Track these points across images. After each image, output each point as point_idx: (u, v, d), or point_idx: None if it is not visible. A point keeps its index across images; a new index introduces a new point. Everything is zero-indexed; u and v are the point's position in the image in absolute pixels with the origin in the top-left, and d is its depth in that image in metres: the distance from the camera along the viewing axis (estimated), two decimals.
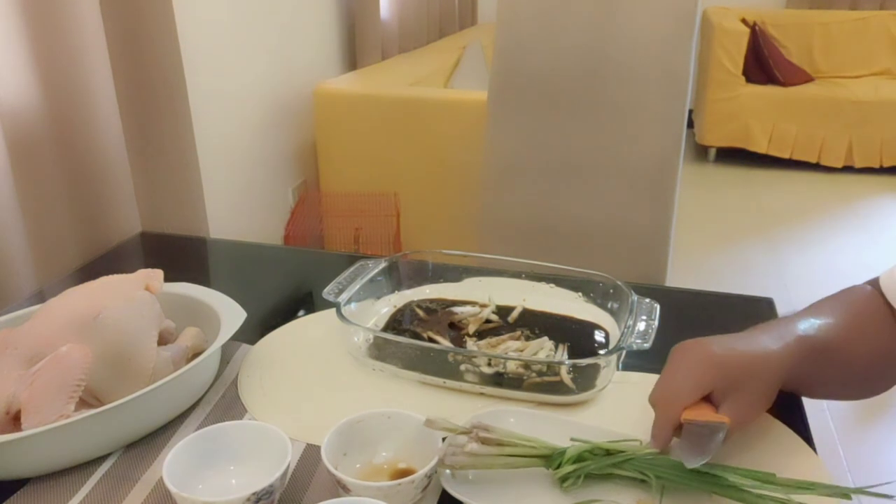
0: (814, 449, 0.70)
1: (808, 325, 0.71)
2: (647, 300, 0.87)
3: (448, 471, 0.65)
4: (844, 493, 0.60)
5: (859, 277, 0.77)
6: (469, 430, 0.66)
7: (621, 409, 0.77)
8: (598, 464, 0.64)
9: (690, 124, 3.95)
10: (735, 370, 0.64)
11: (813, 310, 0.74)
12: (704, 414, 0.63)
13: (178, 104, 1.35)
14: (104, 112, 1.20)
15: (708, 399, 0.65)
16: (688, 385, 0.64)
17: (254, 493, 0.59)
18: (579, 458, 0.64)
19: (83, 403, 0.72)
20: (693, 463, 0.60)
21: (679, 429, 0.64)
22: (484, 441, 0.65)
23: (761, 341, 0.68)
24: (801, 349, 0.68)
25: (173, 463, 0.62)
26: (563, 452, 0.65)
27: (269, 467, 0.62)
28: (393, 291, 0.98)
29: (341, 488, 0.62)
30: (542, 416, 0.74)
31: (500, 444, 0.65)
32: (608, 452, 0.65)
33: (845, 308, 0.74)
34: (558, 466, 0.64)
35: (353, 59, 2.88)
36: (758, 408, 0.67)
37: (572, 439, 0.66)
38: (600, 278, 0.94)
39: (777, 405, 0.75)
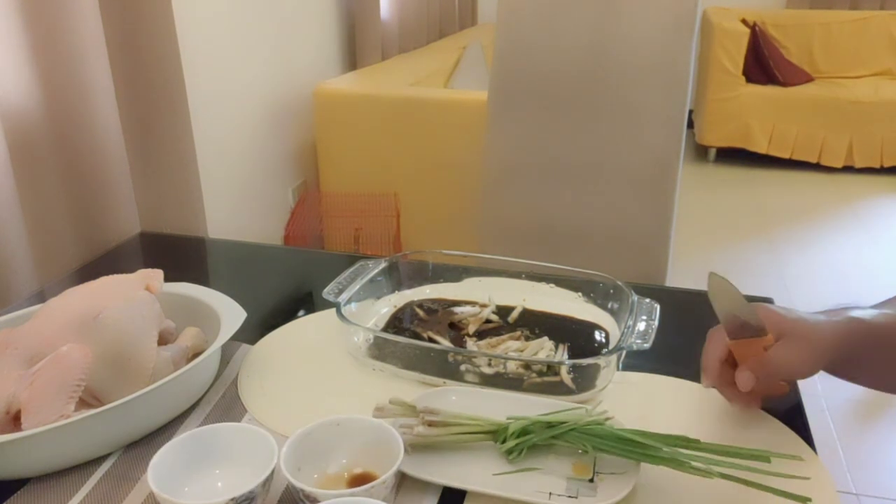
0: (814, 449, 0.70)
1: (867, 311, 0.73)
2: (648, 300, 0.87)
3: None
4: (765, 457, 0.62)
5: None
6: (417, 413, 0.69)
7: (621, 409, 0.76)
8: (540, 436, 0.68)
9: (690, 124, 3.95)
10: (788, 323, 0.70)
11: (885, 302, 0.77)
12: (750, 343, 0.69)
13: (177, 104, 1.35)
14: (104, 112, 1.20)
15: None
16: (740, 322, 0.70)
17: (232, 499, 0.58)
18: (523, 432, 0.68)
19: (83, 403, 0.71)
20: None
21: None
22: (431, 424, 0.68)
23: (815, 316, 0.72)
24: (851, 329, 0.70)
25: (159, 464, 0.62)
26: (506, 428, 0.68)
27: (259, 472, 0.61)
28: (393, 291, 0.98)
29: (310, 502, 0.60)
30: (483, 394, 0.77)
31: (446, 424, 0.68)
32: (549, 425, 0.68)
33: None
34: (504, 441, 0.68)
35: (353, 59, 2.89)
36: (800, 362, 0.69)
37: (509, 418, 0.69)
38: (600, 278, 0.94)
39: (777, 405, 0.75)
